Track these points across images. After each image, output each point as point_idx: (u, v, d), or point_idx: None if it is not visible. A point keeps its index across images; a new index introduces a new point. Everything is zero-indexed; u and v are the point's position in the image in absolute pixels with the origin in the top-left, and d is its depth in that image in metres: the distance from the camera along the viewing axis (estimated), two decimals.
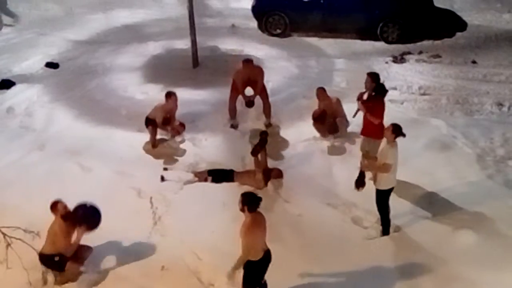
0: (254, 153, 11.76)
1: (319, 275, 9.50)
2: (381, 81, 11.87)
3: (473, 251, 9.85)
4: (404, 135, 9.88)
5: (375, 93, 11.33)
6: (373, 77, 11.58)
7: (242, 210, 8.27)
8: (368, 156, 10.91)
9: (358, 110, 11.62)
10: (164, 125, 12.92)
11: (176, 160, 12.59)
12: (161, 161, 12.53)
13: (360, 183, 10.95)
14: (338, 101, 12.97)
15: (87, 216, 9.35)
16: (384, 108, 11.34)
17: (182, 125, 13.23)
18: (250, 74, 13.39)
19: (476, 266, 9.51)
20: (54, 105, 14.75)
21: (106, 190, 11.28)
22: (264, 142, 11.99)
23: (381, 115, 11.20)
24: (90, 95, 15.31)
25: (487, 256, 9.73)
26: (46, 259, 9.34)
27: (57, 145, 12.79)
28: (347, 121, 12.85)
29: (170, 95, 12.97)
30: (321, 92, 13.09)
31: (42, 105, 14.78)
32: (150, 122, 12.89)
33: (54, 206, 9.26)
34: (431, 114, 13.98)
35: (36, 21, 19.92)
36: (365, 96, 11.51)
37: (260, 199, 8.35)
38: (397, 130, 9.88)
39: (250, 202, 8.25)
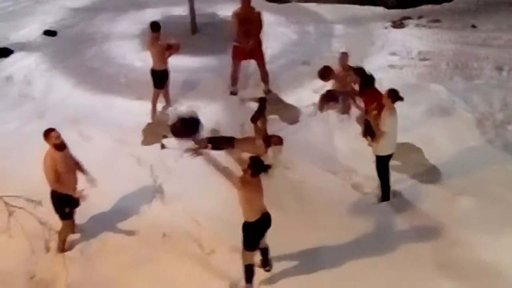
0: (253, 120, 11.74)
1: (319, 241, 9.55)
2: (379, 46, 11.79)
3: (472, 216, 9.91)
4: (402, 99, 9.84)
5: (365, 86, 11.15)
6: (358, 72, 11.36)
7: (245, 171, 8.32)
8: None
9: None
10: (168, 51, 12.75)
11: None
12: (161, 128, 12.52)
13: (368, 131, 10.42)
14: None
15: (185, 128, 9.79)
16: (378, 96, 11.01)
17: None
18: (248, 14, 13.21)
19: (475, 230, 9.58)
20: (53, 73, 14.72)
21: (106, 158, 11.31)
22: (263, 108, 11.97)
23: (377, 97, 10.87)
24: (89, 63, 15.26)
25: (486, 220, 9.79)
26: (52, 195, 9.27)
27: (57, 114, 12.79)
28: (352, 99, 12.68)
29: (153, 27, 12.70)
30: (345, 57, 12.60)
31: (41, 73, 14.75)
32: (156, 76, 12.77)
33: (47, 133, 9.11)
34: (430, 79, 13.93)
35: None
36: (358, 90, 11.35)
37: (268, 167, 8.43)
38: (394, 95, 9.84)
39: (257, 167, 8.30)
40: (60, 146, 9.09)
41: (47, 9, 18.30)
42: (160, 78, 12.71)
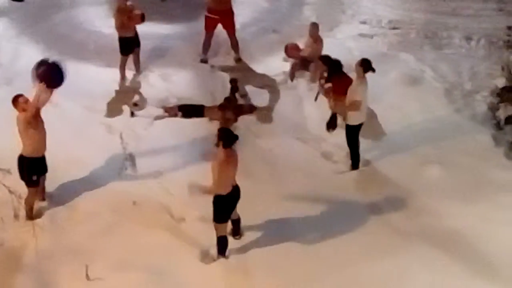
0: (229, 103, 11.77)
1: (289, 210, 9.60)
2: (350, 15, 11.79)
3: (440, 184, 10.05)
4: (373, 70, 9.91)
5: (332, 72, 11.17)
6: (324, 60, 11.42)
7: (217, 144, 8.31)
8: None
9: (318, 93, 11.54)
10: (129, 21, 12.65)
11: (146, 95, 12.50)
12: (130, 96, 12.44)
13: (331, 125, 10.89)
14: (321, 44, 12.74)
15: (49, 72, 9.20)
16: (348, 81, 10.75)
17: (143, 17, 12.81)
18: None
19: (443, 198, 9.72)
20: (21, 40, 14.46)
21: (76, 126, 11.24)
22: (235, 89, 12.02)
23: (345, 90, 10.62)
24: (57, 29, 15.01)
25: (454, 188, 9.94)
26: (20, 162, 9.22)
27: (25, 80, 12.40)
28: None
29: None
30: (315, 28, 12.74)
31: (8, 39, 14.47)
32: (123, 43, 12.70)
33: (15, 100, 9.07)
34: (400, 48, 13.98)
35: None
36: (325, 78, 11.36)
37: (236, 136, 8.39)
38: (366, 65, 9.91)
39: (226, 138, 8.29)
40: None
41: None
42: (125, 44, 12.63)
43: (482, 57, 13.54)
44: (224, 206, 8.53)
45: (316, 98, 11.70)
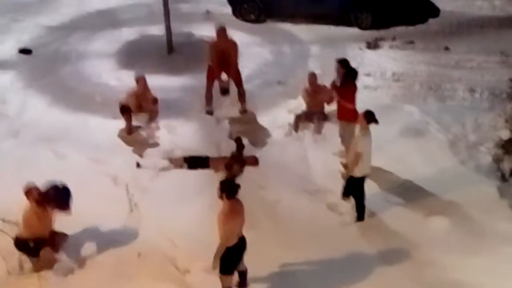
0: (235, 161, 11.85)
1: (295, 261, 9.59)
2: (353, 66, 11.96)
3: (445, 237, 10.02)
4: (377, 122, 9.99)
5: (346, 77, 11.44)
6: (343, 63, 11.71)
7: (221, 197, 8.32)
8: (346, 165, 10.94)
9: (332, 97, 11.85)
10: (138, 111, 12.95)
11: (152, 147, 12.57)
12: (136, 147, 12.52)
13: (346, 192, 10.75)
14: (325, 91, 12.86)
15: (58, 196, 9.30)
16: (356, 91, 11.45)
17: (155, 101, 13.27)
18: (224, 46, 13.32)
19: (448, 251, 9.68)
20: (28, 92, 14.66)
21: (81, 177, 11.24)
22: (241, 147, 12.11)
23: (353, 100, 11.32)
24: (64, 82, 15.21)
25: (459, 241, 9.90)
26: (21, 244, 9.33)
27: (31, 132, 12.72)
28: (324, 118, 12.91)
29: (138, 79, 12.99)
30: (313, 77, 13.02)
31: (15, 91, 14.68)
32: (124, 109, 12.86)
33: (28, 191, 9.23)
34: (404, 100, 14.09)
35: (8, 7, 19.63)
36: (339, 83, 11.65)
37: (238, 186, 8.41)
38: (369, 116, 10.00)
39: (228, 189, 8.31)
40: (42, 202, 9.22)
41: (22, 27, 18.22)
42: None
43: (485, 109, 13.61)
44: (230, 257, 8.50)
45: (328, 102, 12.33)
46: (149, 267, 9.57)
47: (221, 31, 13.34)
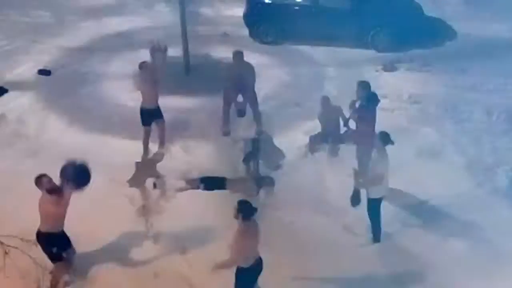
0: (245, 161, 11.85)
1: (310, 283, 9.61)
2: (372, 89, 12.00)
3: (463, 259, 9.98)
4: (392, 143, 10.00)
5: (367, 102, 11.48)
6: (364, 86, 11.74)
7: (237, 217, 8.36)
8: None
9: (349, 118, 11.85)
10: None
11: (168, 168, 12.63)
12: (153, 168, 12.58)
13: (355, 200, 10.92)
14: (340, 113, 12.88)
15: (75, 174, 9.22)
16: (375, 116, 11.48)
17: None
18: (241, 69, 13.44)
19: (465, 274, 9.65)
20: (47, 113, 14.80)
21: (99, 197, 11.28)
22: (256, 149, 12.11)
23: (372, 124, 11.34)
24: (83, 103, 15.33)
25: (476, 264, 9.86)
26: (43, 238, 9.28)
27: (50, 153, 12.80)
28: (340, 141, 12.95)
29: (141, 66, 12.83)
30: (326, 101, 12.97)
31: (34, 112, 14.82)
32: (145, 115, 12.83)
33: (39, 180, 9.19)
34: (420, 122, 14.10)
35: (27, 28, 19.84)
36: (357, 105, 11.67)
37: (255, 209, 8.45)
38: (384, 138, 10.02)
39: (245, 210, 8.35)
40: (53, 190, 9.15)
41: (42, 48, 18.41)
42: (146, 116, 12.84)
43: (502, 132, 13.60)
44: (246, 278, 8.52)
45: (345, 124, 12.32)
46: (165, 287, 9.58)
47: (238, 55, 13.43)
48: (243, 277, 8.50)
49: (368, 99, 11.50)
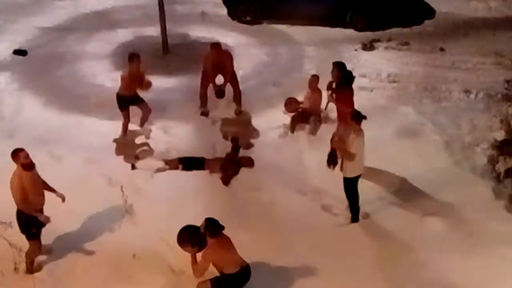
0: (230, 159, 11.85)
1: (290, 262, 9.61)
2: (350, 68, 11.99)
3: (441, 238, 10.04)
4: (364, 118, 9.96)
5: (342, 81, 11.47)
6: (339, 66, 11.72)
7: (203, 233, 8.45)
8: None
9: (328, 101, 11.86)
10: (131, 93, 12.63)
11: (147, 148, 12.57)
12: (131, 149, 12.51)
13: (332, 160, 10.90)
14: (320, 96, 12.94)
15: None
16: (353, 95, 11.47)
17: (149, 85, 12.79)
18: (218, 59, 13.29)
19: (443, 251, 9.70)
20: (23, 93, 14.61)
21: (76, 178, 11.25)
22: (237, 148, 12.10)
23: (351, 103, 11.32)
24: (59, 83, 15.17)
25: (454, 242, 9.93)
26: (22, 220, 9.22)
27: (27, 134, 12.68)
28: (320, 121, 12.93)
29: (132, 58, 12.46)
30: (314, 81, 12.97)
31: (10, 92, 14.64)
32: (122, 101, 12.64)
33: (15, 155, 9.06)
34: (399, 101, 14.12)
35: (1, 7, 19.51)
36: (334, 86, 11.67)
37: (222, 226, 8.50)
38: (356, 117, 10.00)
39: (212, 228, 8.44)
40: (28, 166, 9.04)
41: (17, 28, 18.12)
42: (124, 102, 12.69)
43: (481, 110, 13.65)
44: (230, 284, 8.65)
45: (325, 107, 12.49)
46: (144, 268, 9.58)
47: (216, 46, 13.39)
48: (228, 282, 8.64)
49: (343, 79, 11.48)
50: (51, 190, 9.58)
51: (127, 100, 12.59)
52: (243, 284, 8.72)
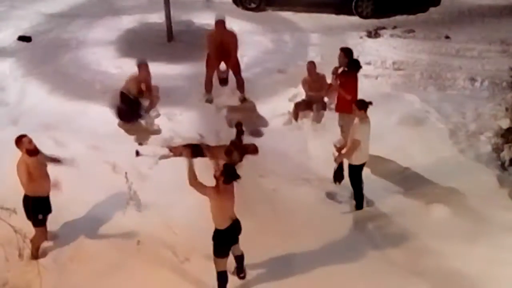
0: (233, 147, 11.79)
1: (293, 249, 9.62)
2: (355, 56, 11.95)
3: (445, 225, 10.03)
4: (370, 103, 9.97)
5: (348, 68, 11.43)
6: (346, 52, 11.69)
7: (217, 177, 8.36)
8: (340, 149, 10.97)
9: (329, 87, 11.86)
10: (139, 96, 12.82)
11: (151, 135, 12.56)
12: (136, 135, 12.51)
13: (338, 177, 10.77)
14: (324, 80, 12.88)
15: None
16: (357, 83, 11.45)
17: (156, 89, 13.10)
18: (222, 37, 13.23)
19: (447, 239, 9.70)
20: (28, 79, 14.62)
21: (81, 165, 11.20)
22: (241, 133, 12.08)
23: (354, 90, 11.30)
24: (64, 69, 15.18)
25: (458, 229, 9.91)
26: (25, 201, 9.29)
27: (31, 120, 12.69)
28: (324, 107, 12.89)
29: (140, 65, 12.79)
30: (312, 66, 12.94)
31: (15, 79, 14.65)
32: (123, 97, 12.78)
33: (19, 140, 9.13)
34: (404, 89, 14.07)
35: None
36: (340, 71, 11.63)
37: (238, 176, 8.42)
38: (360, 105, 10.00)
39: (229, 175, 8.33)
40: (32, 152, 9.10)
41: (21, 14, 18.14)
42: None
43: (486, 98, 13.61)
44: (223, 240, 8.54)
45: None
46: (148, 255, 9.61)
47: (220, 23, 13.27)
48: (220, 239, 8.53)
49: (350, 66, 11.46)
50: (57, 161, 9.70)
51: (128, 98, 12.71)
52: (236, 238, 8.72)
